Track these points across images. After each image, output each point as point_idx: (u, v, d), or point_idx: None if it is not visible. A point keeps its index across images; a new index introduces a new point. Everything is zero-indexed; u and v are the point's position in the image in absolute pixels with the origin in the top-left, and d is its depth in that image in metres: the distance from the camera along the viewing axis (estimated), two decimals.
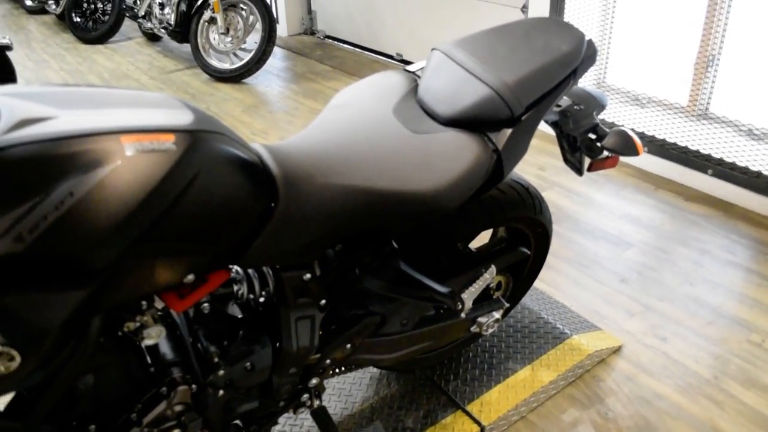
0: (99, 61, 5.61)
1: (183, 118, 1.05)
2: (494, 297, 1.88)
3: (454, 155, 1.35)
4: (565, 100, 1.66)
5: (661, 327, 2.31)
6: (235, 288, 1.37)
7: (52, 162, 0.89)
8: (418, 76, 1.56)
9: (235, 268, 1.37)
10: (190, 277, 1.10)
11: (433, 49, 1.53)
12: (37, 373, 0.96)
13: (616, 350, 2.20)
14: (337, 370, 1.65)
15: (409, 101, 1.48)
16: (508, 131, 1.41)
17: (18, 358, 0.90)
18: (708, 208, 3.07)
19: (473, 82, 1.41)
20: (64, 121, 0.94)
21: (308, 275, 1.31)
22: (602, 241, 2.82)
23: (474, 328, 1.78)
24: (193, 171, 1.01)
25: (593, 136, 1.68)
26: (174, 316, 1.36)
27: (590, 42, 1.54)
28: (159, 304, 1.18)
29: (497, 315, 1.78)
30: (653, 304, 2.42)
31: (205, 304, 1.32)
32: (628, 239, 2.83)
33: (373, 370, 2.05)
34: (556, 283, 2.55)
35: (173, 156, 0.99)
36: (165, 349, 1.32)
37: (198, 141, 1.03)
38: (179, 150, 1.00)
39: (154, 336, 1.18)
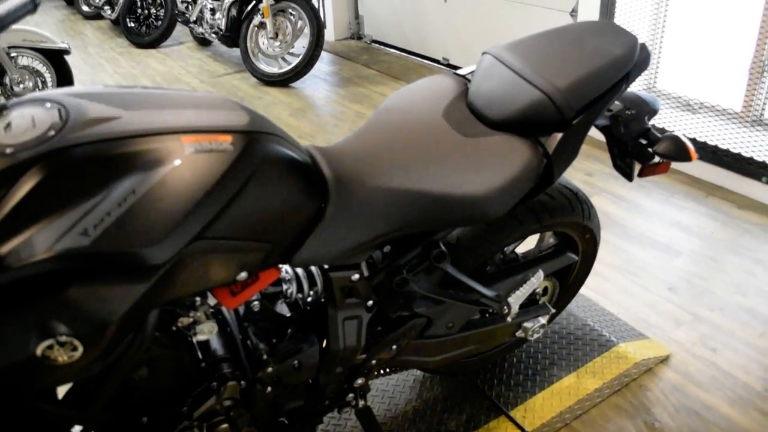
0: (152, 64, 5.75)
1: (240, 120, 1.08)
2: (540, 302, 1.87)
3: (505, 159, 1.35)
4: (616, 105, 1.64)
5: (710, 337, 2.26)
6: (284, 287, 1.39)
7: (117, 160, 0.93)
8: (469, 80, 1.57)
9: (285, 267, 1.40)
10: (243, 275, 1.13)
11: (483, 53, 1.54)
12: (97, 363, 1.00)
13: (664, 360, 2.16)
14: (382, 371, 1.67)
15: (459, 105, 1.48)
16: (559, 135, 1.41)
17: (80, 349, 0.94)
18: (762, 216, 2.99)
19: (524, 85, 1.41)
20: (128, 121, 0.98)
21: (356, 276, 1.33)
22: (651, 249, 2.77)
23: (519, 333, 1.78)
24: (249, 171, 1.04)
25: (644, 141, 1.66)
26: (225, 313, 1.39)
27: (643, 46, 1.52)
28: (211, 301, 1.21)
29: (543, 320, 1.77)
30: (703, 314, 2.37)
31: (255, 302, 1.35)
32: (677, 247, 2.78)
33: (416, 373, 2.06)
34: (602, 290, 2.52)
35: (230, 156, 1.02)
36: (216, 345, 1.35)
37: (254, 142, 1.06)
38: (236, 150, 1.03)
39: (207, 332, 1.21)
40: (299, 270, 1.40)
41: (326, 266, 1.32)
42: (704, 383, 2.06)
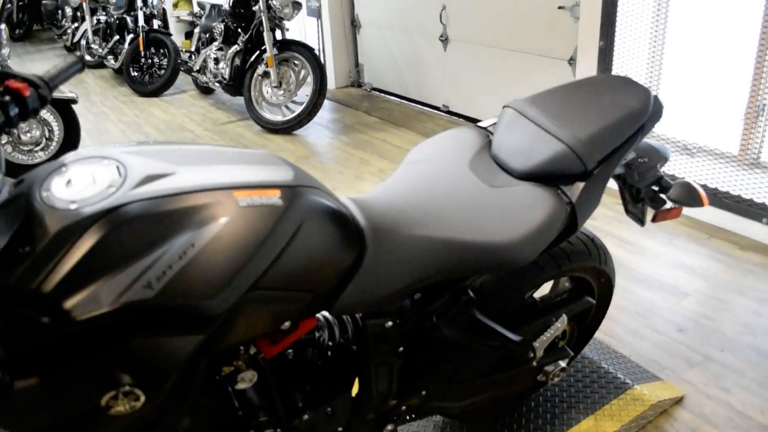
0: (155, 113, 5.84)
1: (285, 174, 1.13)
2: (560, 346, 1.90)
3: (531, 208, 1.41)
4: (630, 153, 1.71)
5: (723, 377, 2.29)
6: (317, 334, 1.42)
7: (175, 214, 0.98)
8: (491, 132, 1.63)
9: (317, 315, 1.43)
10: (287, 324, 1.16)
11: (504, 107, 1.61)
12: (153, 413, 1.03)
13: (679, 401, 2.19)
14: (409, 417, 1.69)
15: (483, 156, 1.55)
16: (581, 185, 1.47)
17: (143, 398, 0.97)
18: (764, 257, 3.05)
19: (547, 137, 1.47)
20: (183, 177, 1.03)
21: (390, 323, 1.37)
22: (658, 291, 2.82)
23: (540, 377, 1.81)
24: (297, 223, 1.09)
25: (657, 188, 1.73)
26: (259, 361, 1.42)
27: (656, 98, 1.60)
28: (251, 350, 1.24)
29: (563, 364, 1.80)
30: (713, 354, 2.41)
31: (289, 350, 1.38)
32: (683, 288, 2.83)
33: (436, 418, 2.07)
34: (613, 333, 2.55)
35: (280, 209, 1.07)
36: (251, 393, 1.37)
37: (300, 195, 1.11)
38: (285, 204, 1.08)
39: (248, 380, 1.24)
40: (329, 317, 1.43)
41: (361, 314, 1.36)
42: (720, 424, 2.09)
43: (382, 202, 1.36)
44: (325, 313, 1.39)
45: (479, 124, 1.68)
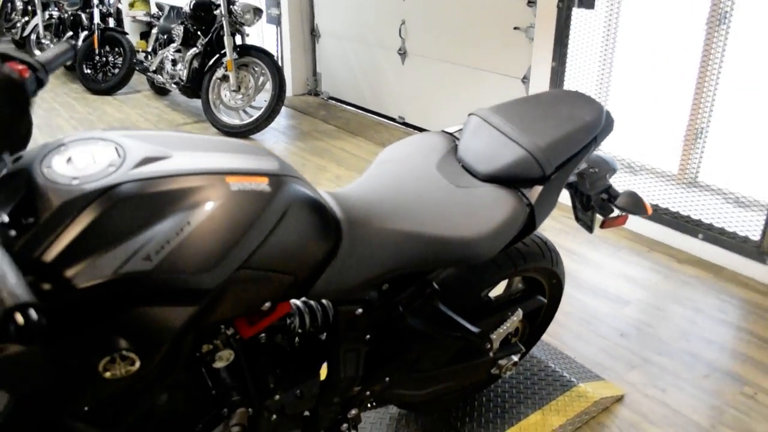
0: (108, 111, 5.78)
1: (272, 164, 1.21)
2: (512, 341, 2.02)
3: (494, 207, 1.52)
4: (582, 164, 1.84)
5: (660, 378, 2.45)
6: (288, 320, 1.50)
7: (172, 194, 1.04)
8: (457, 137, 1.74)
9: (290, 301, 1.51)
10: (267, 305, 1.23)
11: (470, 114, 1.72)
12: (142, 381, 1.08)
13: (619, 399, 2.33)
14: (371, 404, 1.77)
15: (450, 159, 1.65)
16: (540, 188, 1.59)
17: (138, 363, 1.03)
18: (699, 270, 3.26)
19: (509, 143, 1.59)
20: (179, 161, 1.09)
21: (360, 310, 1.45)
22: (602, 298, 2.98)
23: (494, 370, 1.92)
24: (283, 209, 1.16)
25: (606, 197, 1.87)
26: (236, 342, 1.48)
27: (608, 113, 1.74)
28: (230, 330, 1.31)
29: (515, 358, 1.92)
30: (652, 358, 2.57)
31: (263, 334, 1.45)
32: (625, 297, 3.00)
33: (392, 411, 2.16)
34: (560, 336, 2.69)
35: (268, 195, 1.14)
36: (224, 373, 1.43)
37: (285, 183, 1.19)
38: (272, 190, 1.15)
39: (225, 359, 1.30)
40: (300, 303, 1.50)
41: (332, 300, 1.44)
42: (656, 421, 2.24)
43: (357, 196, 1.44)
44: (298, 302, 1.46)
45: (446, 129, 1.79)
